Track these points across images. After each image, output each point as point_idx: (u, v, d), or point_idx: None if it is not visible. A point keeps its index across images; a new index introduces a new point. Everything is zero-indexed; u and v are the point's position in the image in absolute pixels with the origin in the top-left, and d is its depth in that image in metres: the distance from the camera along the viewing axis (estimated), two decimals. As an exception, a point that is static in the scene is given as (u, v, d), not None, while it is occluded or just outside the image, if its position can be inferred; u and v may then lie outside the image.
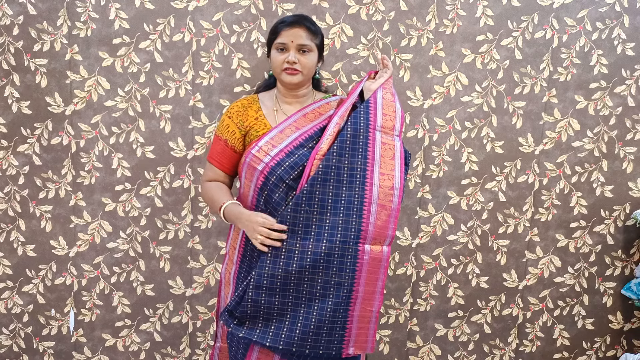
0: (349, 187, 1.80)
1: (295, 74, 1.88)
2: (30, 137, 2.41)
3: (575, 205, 2.60)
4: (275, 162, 1.83)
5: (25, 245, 2.49)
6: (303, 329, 1.78)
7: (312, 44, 1.88)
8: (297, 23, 1.86)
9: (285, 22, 1.87)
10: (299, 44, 1.86)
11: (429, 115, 2.49)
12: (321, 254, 1.77)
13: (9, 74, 2.36)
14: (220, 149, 1.95)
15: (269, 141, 1.87)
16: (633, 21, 2.47)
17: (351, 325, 1.82)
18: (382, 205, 1.81)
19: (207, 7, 2.35)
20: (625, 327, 2.72)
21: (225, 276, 2.02)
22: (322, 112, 1.96)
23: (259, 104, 1.97)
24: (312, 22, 1.91)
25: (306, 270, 1.77)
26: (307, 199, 1.78)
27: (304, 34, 1.86)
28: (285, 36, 1.86)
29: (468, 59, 2.46)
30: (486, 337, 2.68)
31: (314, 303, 1.79)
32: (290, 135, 1.88)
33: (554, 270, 2.64)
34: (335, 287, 1.79)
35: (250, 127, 1.93)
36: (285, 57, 1.86)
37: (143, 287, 2.55)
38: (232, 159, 1.95)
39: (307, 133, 1.90)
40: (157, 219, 2.49)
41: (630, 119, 2.55)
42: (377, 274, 1.83)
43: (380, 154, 1.85)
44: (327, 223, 1.79)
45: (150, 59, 2.38)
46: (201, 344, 2.62)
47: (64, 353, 2.58)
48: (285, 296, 1.79)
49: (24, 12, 2.32)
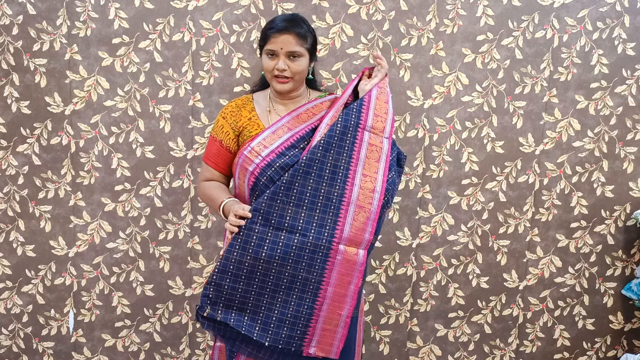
0: (329, 184, 1.80)
1: (286, 82, 1.87)
2: (30, 137, 2.41)
3: (575, 206, 2.60)
4: (266, 163, 1.83)
5: (24, 246, 2.49)
6: (265, 320, 1.79)
7: (302, 49, 1.85)
8: (286, 29, 1.82)
9: (273, 28, 1.84)
10: (288, 51, 1.83)
11: (429, 115, 2.49)
12: (292, 246, 1.76)
13: (9, 73, 2.36)
14: (216, 150, 1.95)
15: (261, 142, 1.87)
16: (634, 21, 2.47)
17: (315, 324, 1.81)
18: (360, 207, 1.81)
19: (206, 7, 2.35)
20: (625, 327, 2.72)
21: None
22: (315, 112, 1.94)
23: (252, 104, 1.97)
24: (301, 25, 1.86)
25: (275, 262, 1.76)
26: (286, 189, 1.78)
27: (293, 40, 1.82)
28: (274, 43, 1.83)
29: (468, 58, 2.45)
30: (486, 337, 2.68)
31: (277, 295, 1.79)
32: (282, 136, 1.88)
33: (554, 270, 2.64)
34: (302, 283, 1.78)
35: (244, 127, 1.92)
36: (275, 63, 1.84)
37: (143, 287, 2.54)
38: (227, 159, 1.95)
39: (299, 134, 1.89)
40: (157, 219, 2.49)
41: (630, 118, 2.54)
42: (351, 277, 1.81)
43: (366, 155, 1.84)
44: (302, 217, 1.78)
45: (150, 59, 2.38)
46: (201, 344, 2.61)
47: (64, 353, 2.58)
48: (249, 284, 1.78)
49: (23, 12, 2.32)
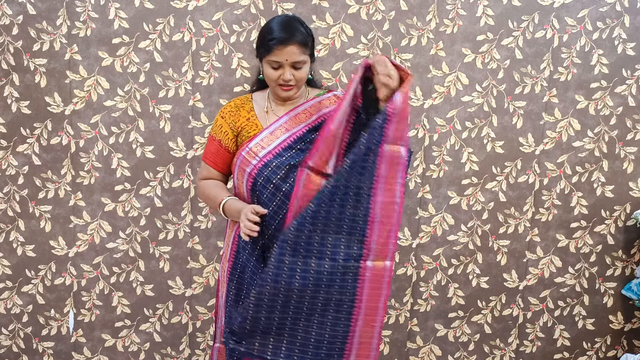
0: (354, 206, 1.76)
1: (291, 89, 1.86)
2: (30, 137, 2.41)
3: (575, 206, 2.59)
4: (263, 164, 1.82)
5: (24, 246, 2.49)
6: (303, 342, 1.78)
7: (306, 56, 1.83)
8: (289, 40, 1.79)
9: (276, 39, 1.79)
10: (293, 62, 1.81)
11: (430, 115, 2.49)
12: (323, 272, 1.75)
13: (9, 73, 2.36)
14: (215, 149, 1.94)
15: (258, 143, 1.86)
16: (633, 21, 2.47)
17: (352, 340, 1.81)
18: (383, 223, 1.79)
19: (206, 7, 2.35)
20: (625, 327, 2.72)
21: (221, 275, 2.02)
22: (312, 112, 1.92)
23: (251, 103, 1.95)
24: (301, 31, 1.82)
25: (308, 289, 1.76)
26: (312, 217, 1.73)
27: (297, 50, 1.79)
28: (278, 55, 1.79)
29: (468, 58, 2.45)
30: (486, 337, 2.68)
31: (313, 318, 1.78)
32: (279, 136, 1.87)
33: (554, 270, 2.64)
34: (335, 304, 1.78)
35: (242, 127, 1.91)
36: (280, 74, 1.82)
37: (143, 287, 2.54)
38: (226, 159, 1.94)
39: (296, 134, 1.88)
40: (157, 219, 2.49)
41: (630, 118, 2.54)
42: (380, 289, 1.80)
43: (387, 169, 1.78)
44: (330, 241, 1.76)
45: (150, 59, 2.38)
46: (201, 344, 2.61)
47: (64, 353, 2.58)
48: (285, 312, 1.78)
49: (23, 12, 2.32)
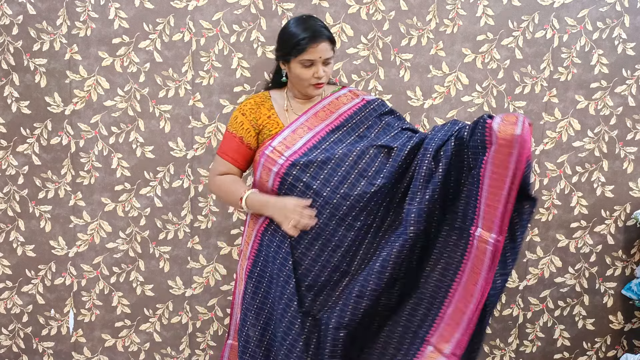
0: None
1: (322, 87, 1.91)
2: (30, 137, 2.41)
3: (575, 206, 2.60)
4: (290, 163, 1.83)
5: (24, 246, 2.49)
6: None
7: (333, 52, 1.89)
8: (321, 37, 1.84)
9: (307, 37, 1.83)
10: (326, 58, 1.86)
11: (430, 115, 2.49)
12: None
13: (9, 73, 2.36)
14: (235, 146, 1.94)
15: (282, 142, 1.87)
16: (634, 21, 2.47)
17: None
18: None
19: (206, 7, 2.35)
20: (625, 327, 2.72)
21: (240, 273, 2.02)
22: (332, 110, 1.95)
23: (271, 101, 1.97)
24: (327, 28, 1.89)
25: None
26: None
27: (329, 46, 1.86)
28: (313, 53, 1.84)
29: (468, 58, 2.45)
30: (486, 337, 2.68)
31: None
32: (303, 135, 1.89)
33: (554, 270, 2.64)
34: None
35: (263, 125, 1.93)
36: (314, 72, 1.86)
37: (143, 287, 2.54)
38: (247, 156, 1.95)
39: (320, 134, 1.90)
40: (157, 219, 2.49)
41: (630, 118, 2.54)
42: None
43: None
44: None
45: (150, 59, 2.38)
46: (201, 345, 2.61)
47: (64, 353, 2.58)
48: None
49: (23, 12, 2.32)
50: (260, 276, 1.91)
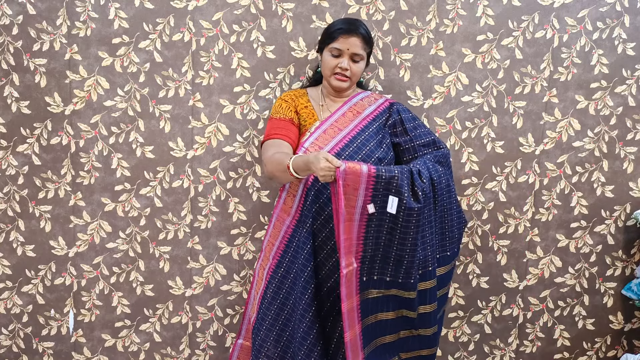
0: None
1: (345, 81, 1.97)
2: (30, 137, 2.41)
3: (575, 206, 2.59)
4: None
5: (24, 246, 2.49)
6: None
7: (365, 53, 1.98)
8: (355, 32, 1.92)
9: (342, 28, 1.93)
10: (353, 53, 1.93)
11: (430, 115, 2.49)
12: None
13: (8, 73, 2.36)
14: (286, 126, 1.98)
15: (314, 142, 1.94)
16: (634, 21, 2.46)
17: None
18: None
19: (206, 7, 2.35)
20: (625, 327, 2.72)
21: (259, 272, 2.03)
22: (359, 110, 2.03)
23: (307, 96, 2.08)
24: (365, 29, 1.97)
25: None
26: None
27: (360, 43, 1.93)
28: (342, 43, 1.92)
29: (468, 58, 2.45)
30: (486, 337, 2.68)
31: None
32: (334, 136, 1.95)
33: (554, 270, 2.64)
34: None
35: (300, 113, 2.03)
36: (338, 62, 1.94)
37: (142, 287, 2.54)
38: (296, 133, 2.01)
39: (350, 135, 1.96)
40: (157, 219, 2.49)
41: (630, 118, 2.54)
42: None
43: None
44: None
45: (150, 59, 2.37)
46: (201, 345, 2.61)
47: (64, 353, 2.58)
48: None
49: (23, 12, 2.31)
50: (284, 277, 1.92)
